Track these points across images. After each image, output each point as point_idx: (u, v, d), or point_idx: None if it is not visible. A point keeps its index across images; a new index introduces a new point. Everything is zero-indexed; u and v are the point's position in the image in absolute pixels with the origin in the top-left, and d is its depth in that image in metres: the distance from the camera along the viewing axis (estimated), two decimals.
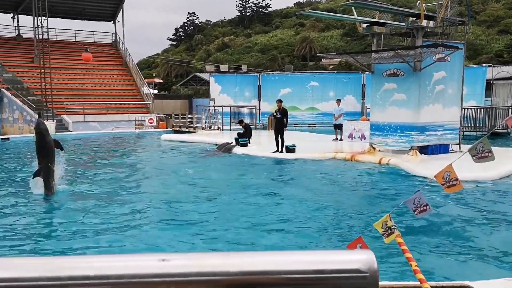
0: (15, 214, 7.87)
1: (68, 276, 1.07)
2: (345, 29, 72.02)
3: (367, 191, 9.77)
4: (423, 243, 6.03)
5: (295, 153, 14.78)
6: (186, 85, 53.38)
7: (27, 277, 1.08)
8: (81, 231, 6.73)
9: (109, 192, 9.63)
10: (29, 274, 1.08)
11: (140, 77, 36.91)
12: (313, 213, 7.71)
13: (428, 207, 4.04)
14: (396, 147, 14.04)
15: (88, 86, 34.30)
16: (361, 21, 14.50)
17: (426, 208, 4.00)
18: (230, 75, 37.04)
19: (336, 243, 6.12)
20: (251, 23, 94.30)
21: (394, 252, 4.95)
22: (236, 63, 59.22)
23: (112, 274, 1.06)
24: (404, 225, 6.46)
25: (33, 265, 1.12)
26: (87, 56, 29.19)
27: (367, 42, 55.37)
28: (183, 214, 7.69)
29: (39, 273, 1.09)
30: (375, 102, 14.61)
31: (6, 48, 34.33)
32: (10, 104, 28.12)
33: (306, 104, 31.62)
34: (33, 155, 15.49)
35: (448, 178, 4.20)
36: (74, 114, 29.61)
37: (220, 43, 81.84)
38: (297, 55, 68.73)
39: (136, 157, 16.43)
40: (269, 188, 9.97)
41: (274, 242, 6.17)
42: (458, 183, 4.22)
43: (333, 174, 11.91)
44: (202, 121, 26.14)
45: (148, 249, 5.78)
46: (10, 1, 35.44)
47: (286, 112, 15.54)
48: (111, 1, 38.12)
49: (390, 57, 13.36)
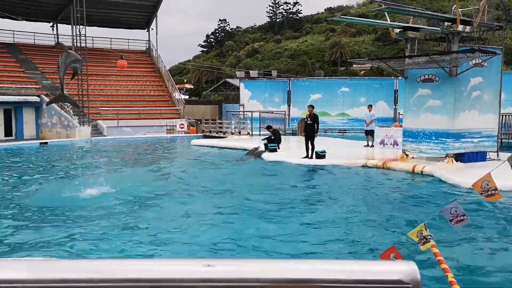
0: (62, 212, 8.10)
1: (111, 279, 1.11)
2: (377, 34, 71.14)
3: (400, 199, 9.60)
4: (460, 254, 5.89)
5: (325, 159, 14.67)
6: (216, 90, 53.88)
7: (74, 279, 1.12)
8: (120, 234, 6.88)
9: (140, 197, 9.79)
10: (75, 276, 1.12)
11: (171, 83, 37.52)
12: (344, 221, 7.63)
13: (465, 217, 3.95)
14: (430, 154, 13.75)
15: (122, 92, 35.10)
16: (394, 26, 14.31)
17: (463, 218, 3.91)
18: (259, 80, 37.16)
19: (368, 252, 6.04)
20: (281, 29, 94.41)
21: (429, 263, 4.85)
22: (266, 68, 59.37)
23: (156, 278, 1.10)
24: (439, 235, 6.32)
25: (77, 267, 1.17)
26: (122, 63, 29.90)
27: (400, 47, 54.56)
28: (213, 220, 7.74)
29: (83, 275, 1.13)
30: (409, 108, 14.37)
31: (46, 56, 35.53)
32: (49, 110, 29.05)
33: (337, 110, 31.38)
34: (70, 157, 15.96)
35: (487, 188, 4.10)
36: (108, 119, 30.34)
37: (250, 49, 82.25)
38: (327, 60, 68.31)
39: (166, 161, 16.67)
40: (299, 195, 9.92)
41: (307, 250, 6.15)
42: (497, 193, 4.11)
43: (364, 181, 11.75)
44: (231, 127, 26.31)
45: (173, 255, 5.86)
46: (50, 10, 36.70)
47: (317, 118, 15.47)
48: (146, 10, 38.97)
49: (424, 63, 13.13)
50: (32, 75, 32.29)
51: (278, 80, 36.94)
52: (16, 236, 6.87)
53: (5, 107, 28.30)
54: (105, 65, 36.37)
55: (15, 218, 8.00)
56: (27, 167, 15.41)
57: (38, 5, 35.30)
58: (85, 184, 10.17)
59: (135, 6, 38.02)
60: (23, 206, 8.89)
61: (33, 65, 33.56)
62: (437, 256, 4.00)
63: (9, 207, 8.88)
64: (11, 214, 8.30)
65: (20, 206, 8.95)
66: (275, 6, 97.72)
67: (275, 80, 37.61)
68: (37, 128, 29.71)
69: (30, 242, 6.52)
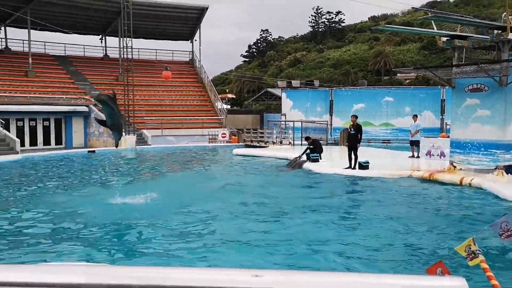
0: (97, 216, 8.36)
1: (157, 286, 1.14)
2: (423, 42, 69.62)
3: (447, 212, 9.29)
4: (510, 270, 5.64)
5: (368, 170, 14.43)
6: (258, 100, 54.21)
7: (127, 285, 1.16)
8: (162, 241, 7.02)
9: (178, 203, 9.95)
10: (128, 282, 1.16)
11: (214, 93, 38.11)
12: (389, 234, 7.47)
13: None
14: (479, 166, 13.27)
15: (166, 102, 35.98)
16: (441, 34, 13.98)
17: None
18: (301, 90, 37.10)
19: (414, 266, 5.88)
20: (324, 38, 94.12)
21: (477, 279, 4.67)
22: (308, 78, 59.25)
23: (204, 286, 1.12)
24: (489, 250, 6.08)
25: (131, 273, 1.21)
26: (166, 74, 30.66)
27: (447, 56, 53.19)
28: (253, 233, 7.76)
29: (136, 282, 1.17)
30: (456, 118, 13.95)
31: (95, 67, 37.05)
32: None
33: (380, 120, 30.84)
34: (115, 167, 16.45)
35: None
36: (153, 128, 31.13)
37: (292, 59, 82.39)
38: (371, 69, 67.43)
39: (209, 170, 16.88)
40: (342, 207, 9.79)
41: (352, 262, 6.06)
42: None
43: (410, 193, 11.46)
44: (273, 136, 26.35)
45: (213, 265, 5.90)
46: (99, 24, 38.25)
47: (361, 128, 15.25)
48: (190, 21, 39.89)
49: (472, 72, 12.74)
50: (81, 86, 33.66)
51: (320, 90, 36.75)
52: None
53: (56, 117, 29.58)
54: (150, 76, 37.45)
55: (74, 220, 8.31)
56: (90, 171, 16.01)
57: (87, 19, 36.88)
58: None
59: (179, 18, 39.01)
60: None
61: (82, 76, 35.00)
62: (487, 271, 3.85)
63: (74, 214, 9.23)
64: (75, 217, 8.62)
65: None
66: (317, 15, 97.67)
67: (317, 90, 37.44)
68: (85, 136, 30.85)
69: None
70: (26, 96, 29.05)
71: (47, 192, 11.97)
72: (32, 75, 32.20)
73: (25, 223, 8.33)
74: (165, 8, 37.57)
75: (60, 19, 34.99)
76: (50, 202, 10.27)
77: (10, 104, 27.20)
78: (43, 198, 11.01)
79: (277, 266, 5.87)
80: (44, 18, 33.13)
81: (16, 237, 7.41)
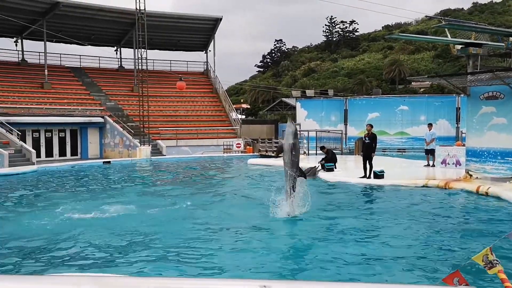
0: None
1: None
2: (437, 50, 69.15)
3: (464, 221, 9.15)
4: None
5: (383, 179, 14.30)
6: (272, 110, 54.22)
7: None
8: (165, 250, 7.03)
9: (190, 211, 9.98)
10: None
11: (228, 103, 38.27)
12: (405, 243, 7.38)
13: None
14: (496, 175, 13.06)
15: (181, 112, 36.21)
16: (455, 42, 13.88)
17: None
18: (316, 100, 37.06)
19: (431, 276, 5.79)
20: (338, 47, 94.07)
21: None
22: (322, 87, 59.14)
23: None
24: (508, 260, 5.96)
25: (139, 284, 1.22)
26: (181, 85, 30.91)
27: (462, 64, 52.72)
28: (267, 242, 7.74)
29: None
30: (472, 127, 13.79)
31: (110, 78, 37.53)
32: (112, 130, 30.44)
33: (395, 129, 30.62)
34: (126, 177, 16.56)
35: None
36: (167, 139, 31.33)
37: (307, 69, 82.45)
38: (385, 78, 67.08)
39: (223, 180, 16.91)
40: (357, 217, 9.70)
41: (368, 270, 5.99)
42: None
43: (426, 202, 11.32)
44: None
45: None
46: (114, 35, 38.79)
47: (375, 137, 15.15)
48: (204, 32, 40.24)
49: (488, 79, 12.60)
50: (96, 97, 34.10)
51: (334, 99, 36.68)
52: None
53: (72, 128, 29.98)
54: (164, 86, 37.80)
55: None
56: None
57: (102, 30, 37.44)
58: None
59: (193, 29, 39.38)
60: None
61: (97, 88, 35.47)
62: (505, 282, 3.78)
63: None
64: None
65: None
66: (331, 25, 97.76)
67: (332, 99, 37.36)
68: (101, 147, 31.18)
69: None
70: (42, 107, 29.52)
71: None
72: (48, 86, 32.73)
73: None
74: (179, 19, 37.98)
75: (75, 31, 35.59)
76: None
77: (26, 115, 27.65)
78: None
79: (286, 275, 5.83)
80: (59, 30, 33.75)
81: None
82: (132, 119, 32.42)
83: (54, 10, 31.96)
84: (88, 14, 34.09)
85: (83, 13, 33.81)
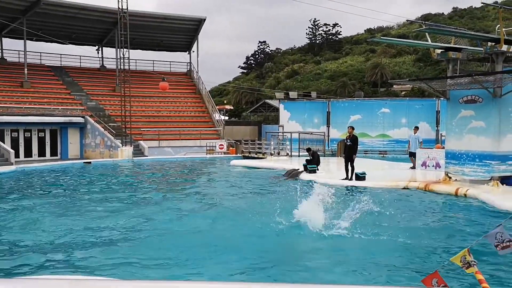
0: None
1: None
2: (418, 54, 70.16)
3: (443, 223, 9.28)
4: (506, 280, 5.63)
5: (365, 181, 14.43)
6: (255, 111, 54.32)
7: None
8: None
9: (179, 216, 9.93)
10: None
11: (212, 104, 38.18)
12: (384, 244, 7.44)
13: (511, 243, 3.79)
14: (474, 177, 13.30)
15: (163, 113, 35.99)
16: (435, 46, 14.10)
17: (509, 244, 3.75)
18: (299, 101, 37.24)
19: (410, 277, 5.86)
20: (321, 50, 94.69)
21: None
22: (305, 90, 59.49)
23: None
24: (485, 261, 6.07)
25: (119, 286, 1.21)
26: (164, 85, 30.72)
27: (442, 68, 53.56)
28: (247, 244, 7.74)
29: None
30: (451, 130, 14.01)
31: (91, 78, 37.11)
32: (93, 130, 30.09)
33: (377, 131, 30.96)
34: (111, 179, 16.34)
35: None
36: (150, 139, 31.10)
37: (290, 71, 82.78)
38: (367, 81, 67.77)
39: (205, 182, 16.84)
40: (336, 217, 9.75)
41: (346, 273, 6.04)
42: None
43: (406, 204, 11.45)
44: (271, 147, 26.36)
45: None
46: (95, 35, 38.38)
47: (357, 139, 15.33)
48: (187, 33, 40.09)
49: (467, 83, 12.82)
50: (77, 96, 33.68)
51: (317, 101, 36.92)
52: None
53: (52, 128, 29.53)
54: (147, 87, 37.53)
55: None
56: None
57: (84, 29, 36.97)
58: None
59: (177, 29, 39.20)
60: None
61: (78, 87, 35.02)
62: (482, 283, 3.85)
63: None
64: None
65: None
66: (314, 27, 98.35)
67: (315, 101, 37.60)
68: (81, 148, 30.79)
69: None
70: (21, 107, 29.01)
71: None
72: (27, 85, 32.20)
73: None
74: (163, 19, 37.77)
75: (56, 30, 35.08)
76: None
77: (5, 115, 27.13)
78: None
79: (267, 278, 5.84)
80: (40, 29, 33.25)
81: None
82: (113, 119, 32.09)
83: (34, 8, 31.46)
84: (69, 13, 33.65)
85: (64, 12, 33.37)
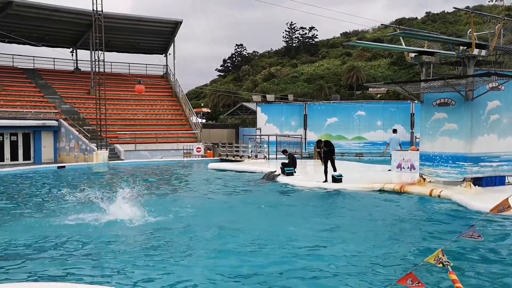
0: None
1: None
2: (393, 58, 71.33)
3: (417, 224, 9.43)
4: (480, 279, 5.75)
5: (341, 183, 14.57)
6: (233, 114, 54.22)
7: None
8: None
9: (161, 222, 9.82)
10: None
11: (189, 107, 37.97)
12: (360, 246, 7.51)
13: (481, 238, 3.92)
14: (447, 178, 13.57)
15: (139, 116, 35.60)
16: (409, 50, 14.35)
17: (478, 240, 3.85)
18: (276, 104, 37.33)
19: (385, 278, 5.93)
20: (298, 53, 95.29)
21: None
22: (283, 93, 59.71)
23: None
24: (458, 260, 6.19)
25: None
26: (140, 88, 30.39)
27: (416, 71, 54.49)
28: (221, 245, 7.72)
29: None
30: (425, 132, 14.26)
31: (65, 81, 36.45)
32: (67, 134, 29.55)
33: (353, 134, 31.28)
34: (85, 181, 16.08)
35: (503, 210, 4.07)
36: (126, 143, 30.71)
37: (267, 73, 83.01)
38: (343, 84, 68.52)
39: (183, 185, 16.73)
40: (313, 218, 9.82)
41: (320, 275, 6.07)
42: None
43: (381, 205, 11.61)
44: (248, 150, 26.36)
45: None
46: (69, 37, 37.75)
47: (329, 143, 15.98)
48: (163, 35, 39.78)
49: (440, 86, 13.08)
50: (51, 99, 33.02)
51: (294, 104, 37.09)
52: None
53: (24, 131, 28.89)
54: (123, 89, 37.06)
55: None
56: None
57: (58, 31, 36.31)
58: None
59: (153, 32, 38.86)
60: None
61: (52, 90, 34.35)
62: (456, 283, 3.92)
63: None
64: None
65: None
66: (291, 31, 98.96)
67: (292, 104, 37.76)
68: (55, 152, 30.19)
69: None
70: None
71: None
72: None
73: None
74: (138, 22, 37.40)
75: (29, 32, 34.37)
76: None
77: None
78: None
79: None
80: (12, 30, 32.53)
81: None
82: (88, 122, 31.55)
83: (6, 9, 30.78)
84: (42, 15, 33.02)
85: (37, 13, 32.73)
